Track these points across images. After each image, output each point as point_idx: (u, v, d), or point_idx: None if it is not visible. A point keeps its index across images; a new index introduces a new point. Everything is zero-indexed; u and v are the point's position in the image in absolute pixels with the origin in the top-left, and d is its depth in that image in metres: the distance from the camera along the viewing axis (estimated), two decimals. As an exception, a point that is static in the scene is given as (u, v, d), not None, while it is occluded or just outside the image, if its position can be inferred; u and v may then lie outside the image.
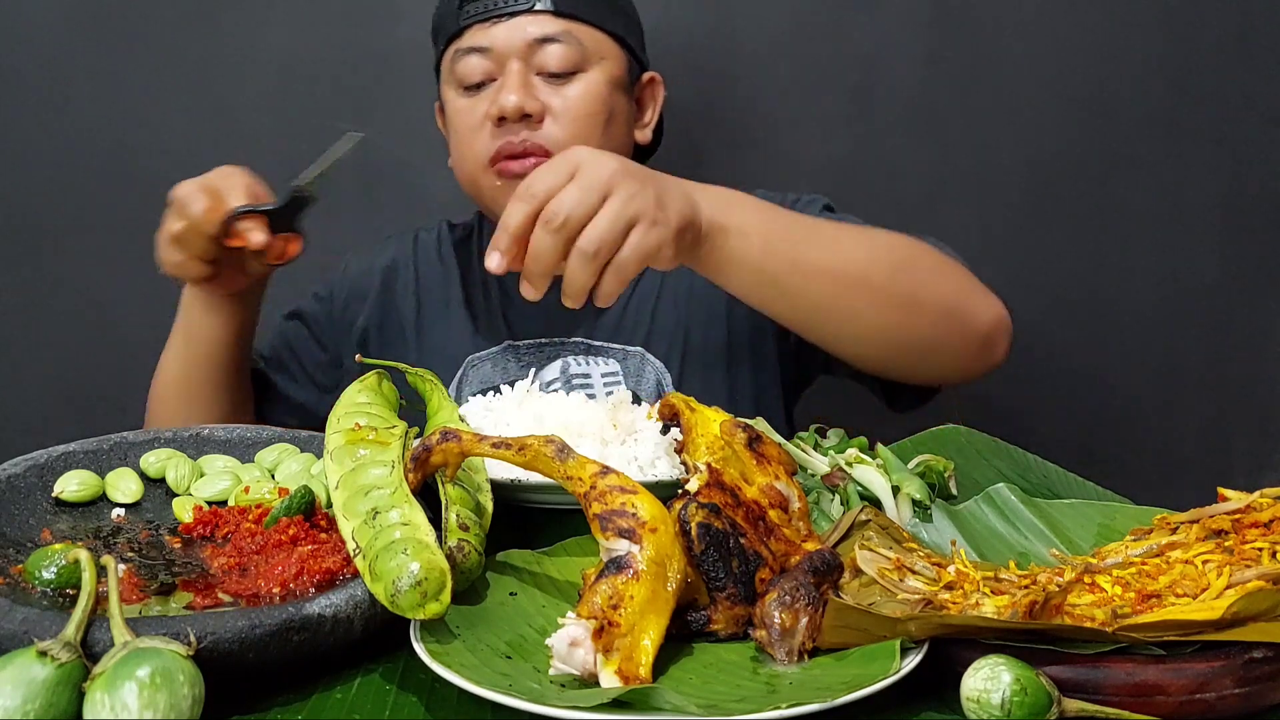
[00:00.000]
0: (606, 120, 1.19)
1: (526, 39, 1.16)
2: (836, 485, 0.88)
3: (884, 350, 1.03)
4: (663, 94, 1.31)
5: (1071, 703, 0.57)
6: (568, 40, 1.16)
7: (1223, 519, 0.69)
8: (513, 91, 1.14)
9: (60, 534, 0.78)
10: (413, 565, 0.63)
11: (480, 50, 1.17)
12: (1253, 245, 1.62)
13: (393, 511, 0.69)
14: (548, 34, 1.16)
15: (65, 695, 0.55)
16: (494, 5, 1.16)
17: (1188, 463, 1.65)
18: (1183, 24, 1.57)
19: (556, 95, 1.16)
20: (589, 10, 1.18)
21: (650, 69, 1.30)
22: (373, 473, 0.74)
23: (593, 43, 1.18)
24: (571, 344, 1.24)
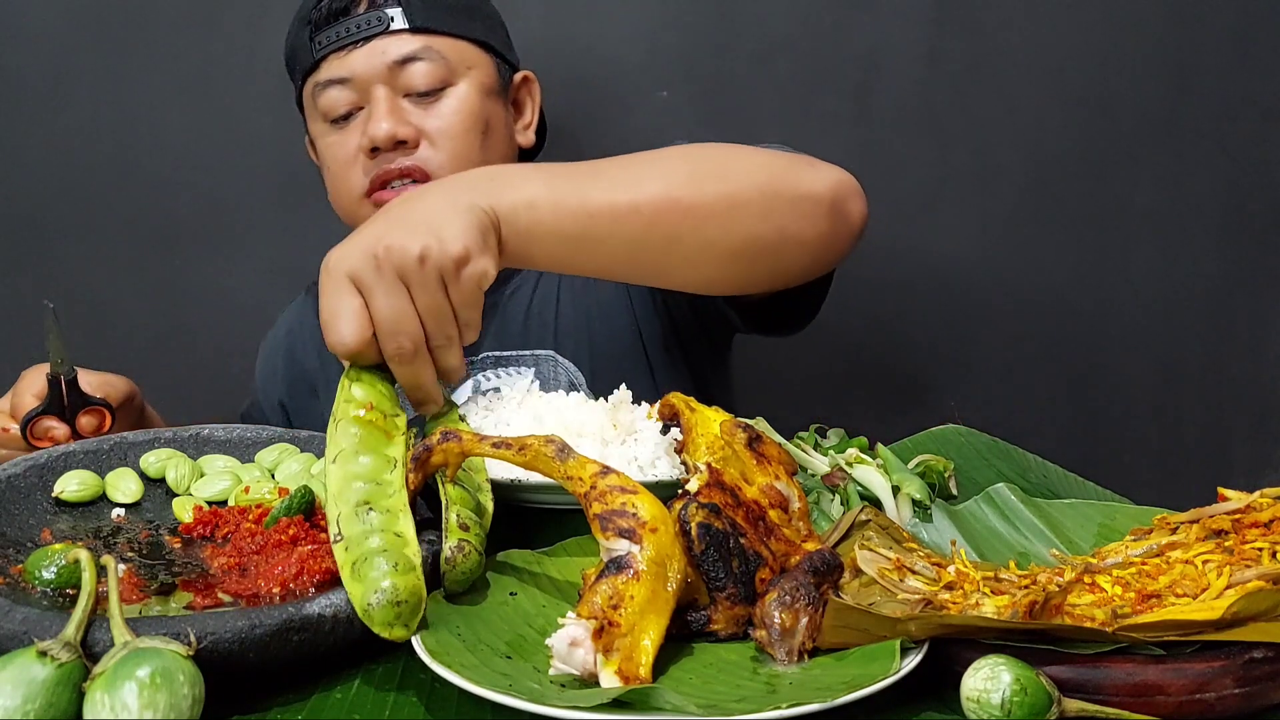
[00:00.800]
0: (483, 132, 1.15)
1: (387, 62, 1.11)
2: (836, 485, 0.88)
3: (728, 264, 0.95)
4: (539, 92, 1.27)
5: (1071, 703, 0.57)
6: (429, 56, 1.12)
7: (1223, 519, 0.69)
8: (382, 119, 1.10)
9: (60, 534, 0.77)
10: (398, 583, 0.63)
11: (341, 81, 1.13)
12: (1253, 244, 1.62)
13: (388, 515, 0.69)
14: (407, 53, 1.11)
15: (65, 695, 0.55)
16: (347, 32, 1.12)
17: (1188, 463, 1.65)
18: (1183, 23, 1.57)
19: (429, 116, 1.13)
20: (446, 21, 1.14)
21: (521, 67, 1.25)
22: (363, 460, 0.73)
23: (456, 54, 1.14)
24: (480, 361, 1.20)
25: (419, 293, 0.77)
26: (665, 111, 1.56)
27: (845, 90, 1.58)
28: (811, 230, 0.96)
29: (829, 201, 0.96)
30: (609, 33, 1.53)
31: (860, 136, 1.59)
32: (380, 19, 1.11)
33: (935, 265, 1.60)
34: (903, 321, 1.59)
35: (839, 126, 1.59)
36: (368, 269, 0.77)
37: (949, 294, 1.62)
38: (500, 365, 1.19)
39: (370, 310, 0.77)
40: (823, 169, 0.98)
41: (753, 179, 0.94)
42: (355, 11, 1.12)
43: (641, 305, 1.20)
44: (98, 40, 1.54)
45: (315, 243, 1.08)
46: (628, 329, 1.20)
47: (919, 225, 1.60)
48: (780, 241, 0.95)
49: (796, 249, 0.97)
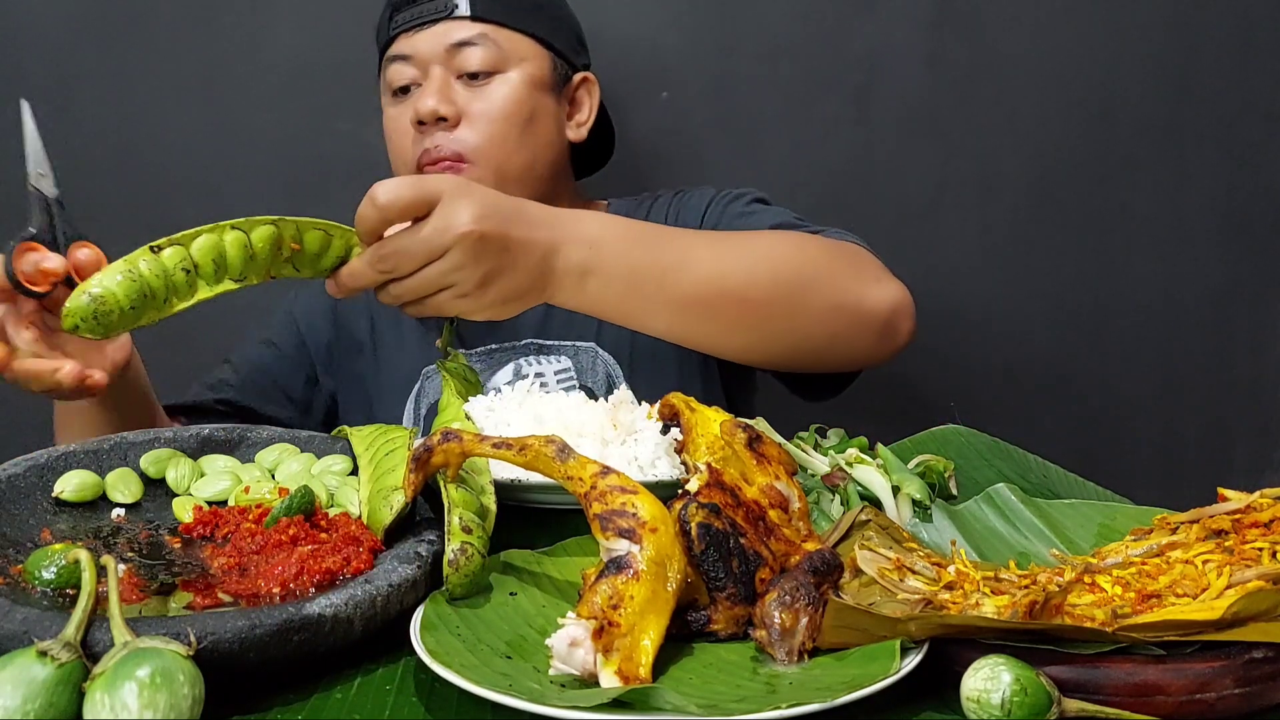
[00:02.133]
0: (526, 120, 1.22)
1: (446, 44, 1.20)
2: (836, 485, 0.88)
3: (773, 355, 1.04)
4: (598, 94, 1.33)
5: (1071, 703, 0.57)
6: (484, 43, 1.20)
7: (1223, 519, 0.69)
8: (429, 95, 1.19)
9: (60, 534, 0.77)
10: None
11: (405, 58, 1.22)
12: (1253, 247, 1.62)
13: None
14: (465, 38, 1.20)
15: (65, 695, 0.55)
16: (417, 15, 1.21)
17: (1188, 463, 1.65)
18: (1184, 27, 1.57)
19: (474, 98, 1.21)
20: (507, 14, 1.22)
21: (589, 69, 1.32)
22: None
23: (511, 45, 1.22)
24: (522, 346, 1.25)
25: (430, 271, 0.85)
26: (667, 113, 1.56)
27: (846, 93, 1.58)
28: (861, 342, 1.03)
29: (884, 320, 1.03)
30: (611, 35, 1.53)
31: (861, 139, 1.59)
32: (446, 5, 1.21)
33: (936, 266, 1.61)
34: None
35: (840, 129, 1.59)
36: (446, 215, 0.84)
37: (950, 295, 1.62)
38: (542, 353, 1.25)
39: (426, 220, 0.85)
40: (886, 284, 1.04)
41: (824, 286, 1.00)
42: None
43: None
44: (100, 40, 1.54)
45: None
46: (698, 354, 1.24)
47: (920, 227, 1.60)
48: (828, 345, 1.02)
49: (839, 352, 1.05)
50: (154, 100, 1.56)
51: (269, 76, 1.57)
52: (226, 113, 1.57)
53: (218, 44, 1.55)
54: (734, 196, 1.24)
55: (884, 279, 1.05)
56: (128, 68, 1.55)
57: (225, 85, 1.56)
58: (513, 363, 1.24)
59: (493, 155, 1.20)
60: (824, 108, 1.58)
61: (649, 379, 1.21)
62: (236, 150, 1.58)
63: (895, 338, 1.05)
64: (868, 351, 1.05)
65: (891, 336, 1.04)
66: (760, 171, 1.59)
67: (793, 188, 1.58)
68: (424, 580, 0.71)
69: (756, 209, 1.22)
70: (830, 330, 1.01)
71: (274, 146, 1.58)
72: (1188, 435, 1.66)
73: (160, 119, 1.56)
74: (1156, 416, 1.66)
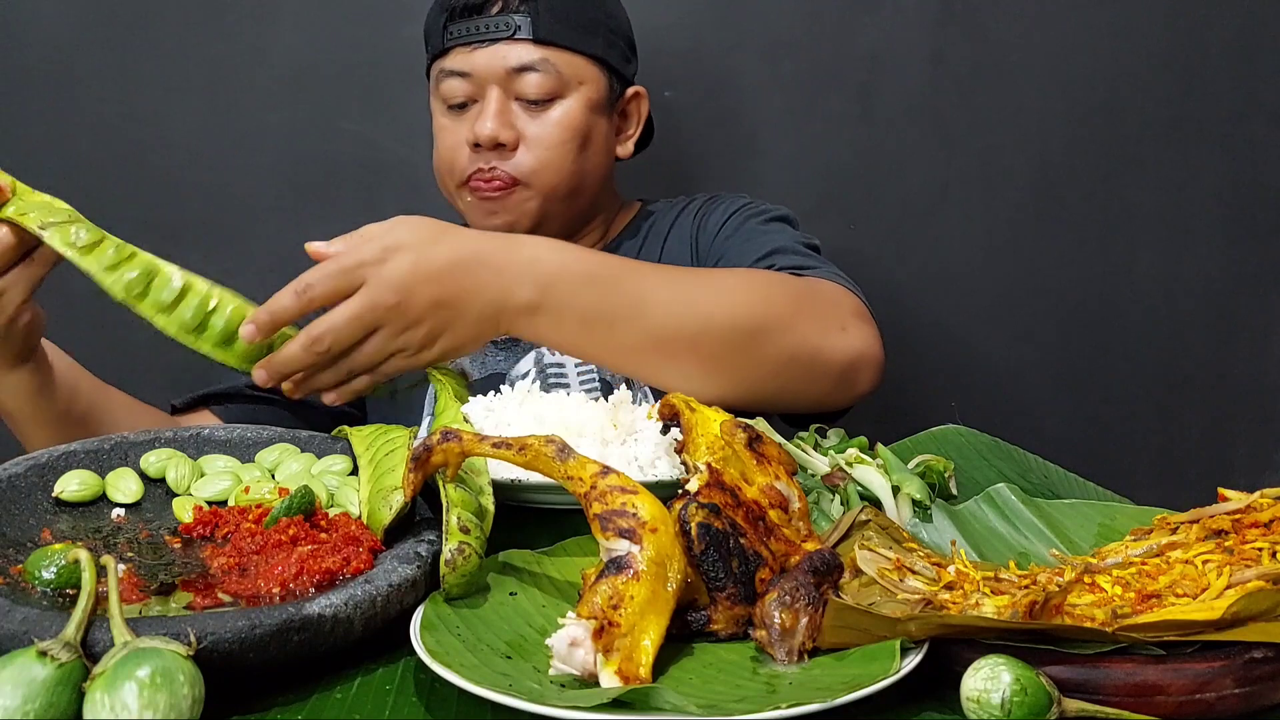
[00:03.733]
0: (581, 145, 1.22)
1: (506, 67, 1.19)
2: (836, 485, 0.88)
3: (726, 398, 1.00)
4: (646, 107, 1.33)
5: (1071, 703, 0.57)
6: (545, 69, 1.19)
7: (1223, 519, 0.69)
8: (489, 120, 1.18)
9: (60, 534, 0.77)
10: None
11: (462, 74, 1.21)
12: (1256, 246, 1.62)
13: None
14: (526, 63, 1.19)
15: (65, 695, 0.55)
16: (475, 30, 1.19)
17: (1188, 463, 1.65)
18: (1188, 25, 1.57)
19: (532, 123, 1.20)
20: (568, 36, 1.20)
21: (636, 79, 1.31)
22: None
23: (571, 69, 1.21)
24: None
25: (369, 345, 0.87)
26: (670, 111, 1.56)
27: (850, 91, 1.58)
28: (813, 391, 1.02)
29: (840, 371, 1.02)
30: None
31: (865, 137, 1.59)
32: (508, 24, 1.19)
33: (938, 265, 1.61)
34: (904, 321, 1.59)
35: (844, 127, 1.59)
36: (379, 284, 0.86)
37: (951, 294, 1.62)
38: None
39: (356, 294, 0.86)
40: (852, 334, 1.02)
41: (781, 340, 0.99)
42: (488, 12, 1.20)
43: None
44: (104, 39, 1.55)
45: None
46: None
47: (923, 225, 1.60)
48: (781, 393, 1.02)
49: (792, 401, 1.04)
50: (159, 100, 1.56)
51: (274, 76, 1.57)
52: (231, 112, 1.57)
53: (223, 44, 1.55)
54: (756, 212, 1.24)
55: (851, 328, 1.03)
56: (133, 68, 1.55)
57: (230, 85, 1.56)
58: (534, 352, 1.24)
59: (547, 180, 1.21)
60: (828, 105, 1.58)
61: None
62: (242, 150, 1.58)
63: (852, 388, 1.04)
64: (820, 399, 1.05)
65: (849, 387, 1.03)
66: (763, 169, 1.59)
67: (796, 186, 1.58)
68: (424, 580, 0.71)
69: (770, 229, 1.21)
70: (783, 379, 1.00)
71: (279, 146, 1.58)
72: (1188, 435, 1.66)
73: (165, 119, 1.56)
74: (1156, 416, 1.66)
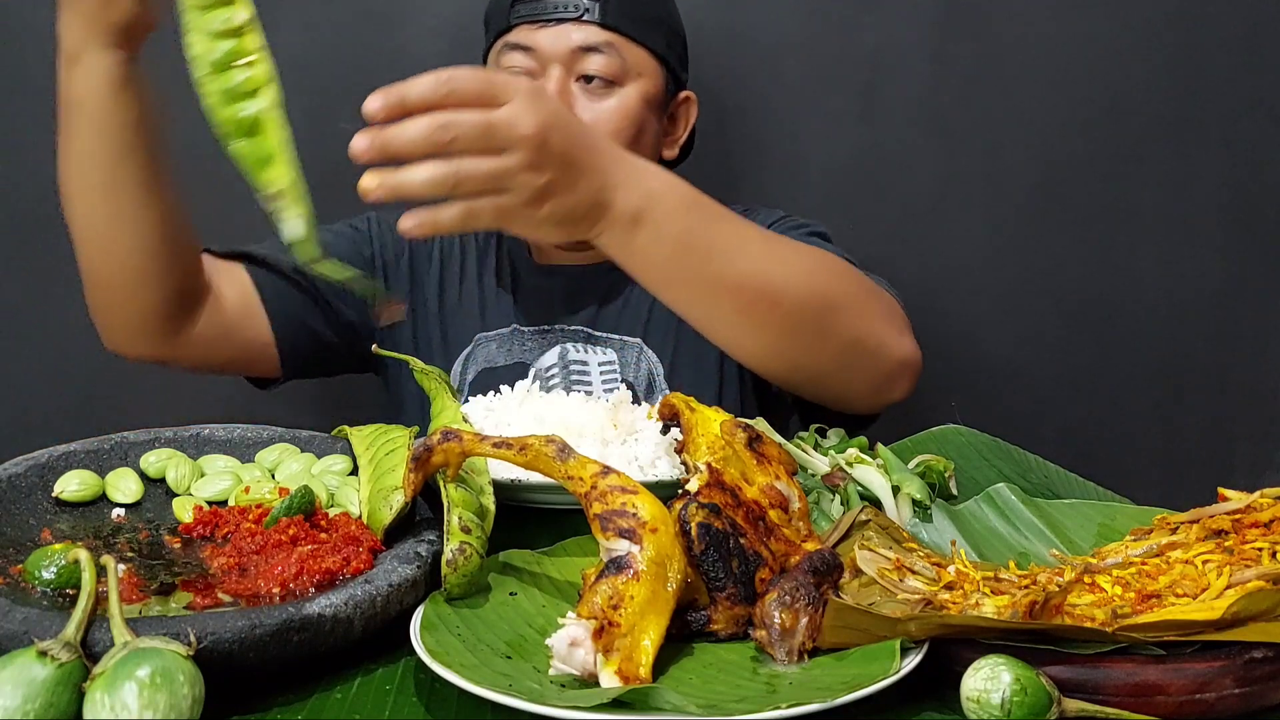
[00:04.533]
0: (635, 136, 1.20)
1: (571, 46, 1.18)
2: (836, 485, 0.88)
3: (780, 368, 1.03)
4: (695, 113, 1.32)
5: (1071, 703, 0.57)
6: (610, 52, 1.18)
7: (1223, 519, 0.69)
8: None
9: (60, 534, 0.78)
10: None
11: (525, 49, 1.19)
12: (1258, 246, 1.62)
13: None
14: (592, 44, 1.18)
15: (65, 695, 0.55)
16: (542, 9, 1.19)
17: (1188, 463, 1.65)
18: (1190, 25, 1.57)
19: (591, 107, 1.19)
20: (633, 26, 1.20)
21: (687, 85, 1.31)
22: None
23: (633, 58, 1.20)
24: (572, 331, 1.26)
25: (495, 162, 0.78)
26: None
27: (852, 90, 1.58)
28: (861, 384, 1.04)
29: (889, 372, 1.03)
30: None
31: (867, 136, 1.58)
32: (576, 6, 1.18)
33: (938, 264, 1.60)
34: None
35: (845, 126, 1.58)
36: (524, 111, 0.78)
37: (952, 293, 1.61)
38: (590, 342, 1.25)
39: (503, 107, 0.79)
40: (907, 340, 1.05)
41: (851, 321, 0.99)
42: None
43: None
44: (98, 40, 1.54)
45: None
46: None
47: (924, 224, 1.60)
48: (833, 377, 1.03)
49: (838, 388, 1.05)
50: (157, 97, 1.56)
51: (270, 76, 1.56)
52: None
53: (218, 44, 1.55)
54: (794, 225, 1.24)
55: (906, 334, 1.05)
56: (128, 67, 1.55)
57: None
58: (560, 346, 1.24)
59: None
60: (829, 105, 1.58)
61: (689, 381, 1.22)
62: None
63: (891, 392, 1.05)
64: (863, 396, 1.06)
65: (889, 390, 1.04)
66: (765, 168, 1.59)
67: (797, 185, 1.58)
68: (424, 580, 0.71)
69: (811, 243, 1.20)
70: (842, 362, 1.01)
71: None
72: (1188, 435, 1.66)
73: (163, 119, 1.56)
74: (1156, 416, 1.65)
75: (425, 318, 1.30)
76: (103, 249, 1.05)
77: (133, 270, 1.05)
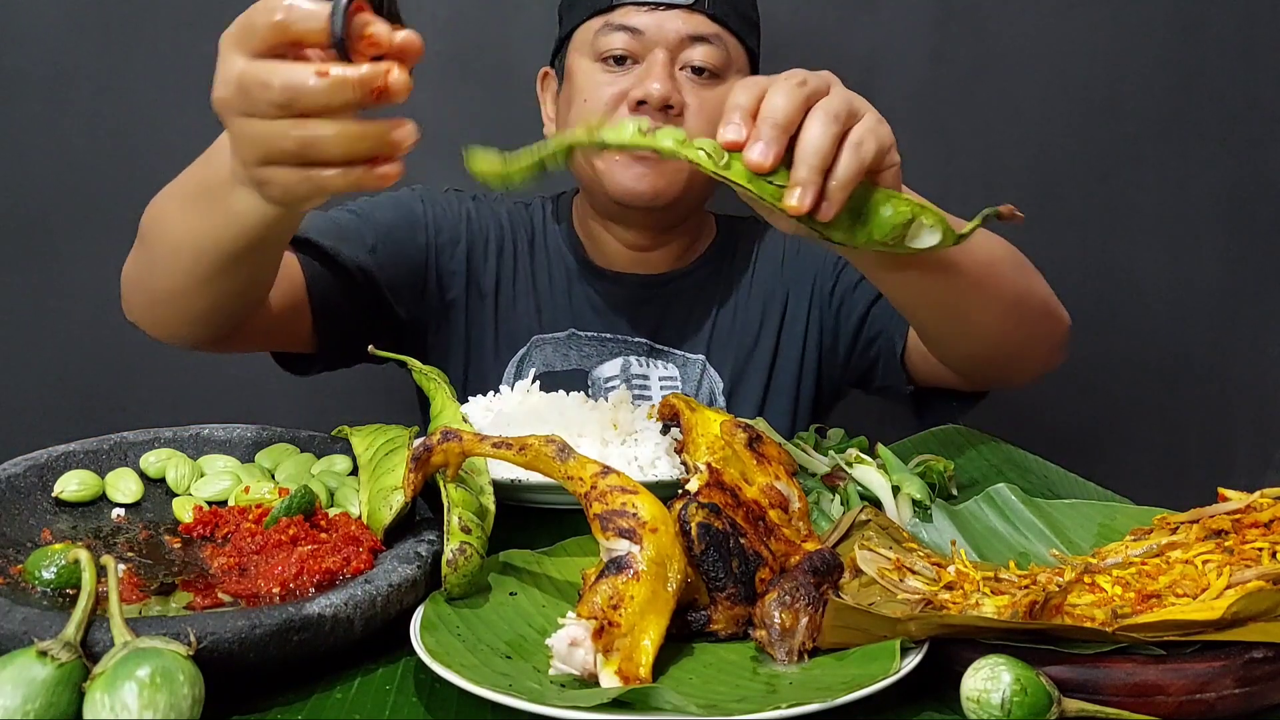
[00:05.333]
0: None
1: (680, 33, 1.16)
2: (836, 485, 0.88)
3: (990, 348, 1.00)
4: None
5: (1071, 703, 0.57)
6: (718, 44, 1.17)
7: (1223, 519, 0.69)
8: (660, 80, 1.14)
9: (60, 534, 0.78)
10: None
11: (631, 30, 1.17)
12: (1256, 245, 1.62)
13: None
14: (703, 33, 1.16)
15: (65, 695, 0.55)
16: None
17: (1188, 463, 1.65)
18: (1188, 24, 1.57)
19: (695, 95, 1.17)
20: (736, 22, 1.20)
21: None
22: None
23: (735, 53, 1.19)
24: (635, 343, 1.24)
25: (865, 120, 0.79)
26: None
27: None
28: (1046, 352, 1.05)
29: (1063, 337, 1.06)
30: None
31: (862, 136, 1.58)
32: None
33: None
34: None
35: (841, 126, 1.58)
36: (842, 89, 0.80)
37: (950, 294, 1.61)
38: (653, 355, 1.24)
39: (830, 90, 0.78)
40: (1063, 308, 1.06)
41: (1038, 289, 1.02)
42: None
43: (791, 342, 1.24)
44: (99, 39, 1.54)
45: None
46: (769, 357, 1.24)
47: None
48: (1030, 348, 1.04)
49: (1029, 360, 1.06)
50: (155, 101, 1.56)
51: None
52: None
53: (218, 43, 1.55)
54: None
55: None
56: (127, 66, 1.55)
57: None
58: (622, 358, 1.23)
59: None
60: (825, 106, 1.58)
61: (750, 400, 1.21)
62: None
63: (1059, 358, 1.06)
64: (1042, 365, 1.07)
65: (1059, 355, 1.06)
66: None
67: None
68: (424, 580, 0.71)
69: None
70: (1037, 333, 1.02)
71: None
72: (1188, 435, 1.66)
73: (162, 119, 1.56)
74: (1156, 416, 1.65)
75: (481, 311, 1.25)
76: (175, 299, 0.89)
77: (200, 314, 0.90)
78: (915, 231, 0.76)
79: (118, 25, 1.54)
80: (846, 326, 1.21)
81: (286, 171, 0.67)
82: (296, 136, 0.65)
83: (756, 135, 0.72)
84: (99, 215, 1.57)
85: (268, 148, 0.67)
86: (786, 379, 1.23)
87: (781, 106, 0.73)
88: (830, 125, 0.74)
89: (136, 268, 0.93)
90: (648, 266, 1.24)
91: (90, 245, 1.57)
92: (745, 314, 1.25)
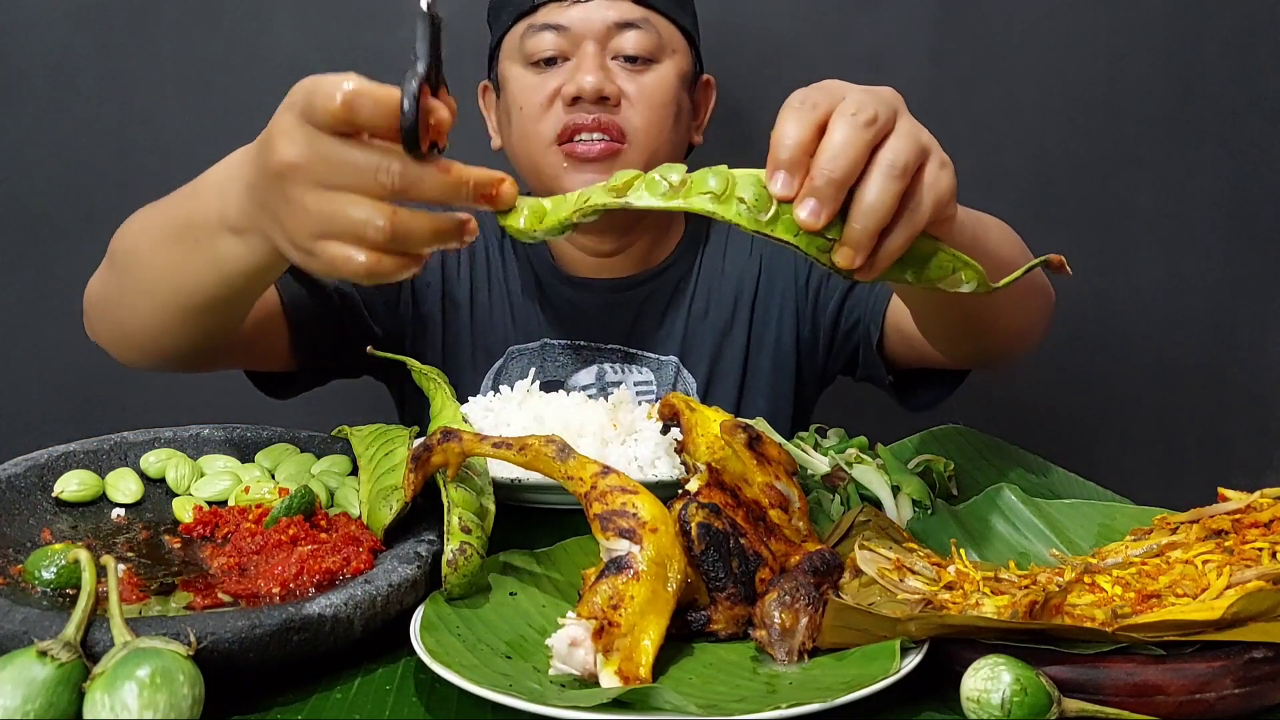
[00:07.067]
0: (675, 114, 1.18)
1: (606, 22, 1.14)
2: (836, 485, 0.88)
3: (996, 340, 0.98)
4: (714, 98, 1.29)
5: (1071, 703, 0.57)
6: (646, 28, 1.15)
7: (1223, 519, 0.69)
8: (590, 72, 1.12)
9: (60, 534, 0.78)
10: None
11: (556, 28, 1.15)
12: (1255, 245, 1.62)
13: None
14: (628, 19, 1.15)
15: (65, 695, 0.55)
16: None
17: (1188, 463, 1.65)
18: (1187, 24, 1.57)
19: (631, 82, 1.15)
20: (665, 3, 1.18)
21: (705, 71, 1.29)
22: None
23: (668, 35, 1.17)
24: (609, 350, 1.22)
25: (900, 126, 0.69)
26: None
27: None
28: (1041, 332, 1.04)
29: (1052, 305, 1.04)
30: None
31: (862, 136, 1.58)
32: None
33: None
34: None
35: (841, 126, 1.58)
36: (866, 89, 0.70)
37: (949, 294, 1.61)
38: (627, 360, 1.23)
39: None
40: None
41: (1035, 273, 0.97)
42: None
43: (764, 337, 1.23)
44: (100, 39, 1.54)
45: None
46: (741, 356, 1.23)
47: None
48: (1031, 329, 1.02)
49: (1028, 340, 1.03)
50: (154, 100, 1.56)
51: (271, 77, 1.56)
52: (227, 112, 1.56)
53: (218, 43, 1.55)
54: None
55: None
56: (128, 67, 1.55)
57: (225, 85, 1.56)
58: (597, 365, 1.21)
59: (649, 142, 1.15)
60: (825, 106, 1.58)
61: (721, 401, 1.20)
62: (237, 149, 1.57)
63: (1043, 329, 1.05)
64: (1034, 344, 1.05)
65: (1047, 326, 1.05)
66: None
67: (793, 187, 1.58)
68: (424, 580, 0.71)
69: None
70: (1037, 313, 1.01)
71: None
72: (1188, 435, 1.66)
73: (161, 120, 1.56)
74: (1156, 416, 1.65)
75: (456, 321, 1.24)
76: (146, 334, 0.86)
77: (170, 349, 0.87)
78: (952, 280, 0.70)
79: (118, 25, 1.54)
80: (824, 316, 1.20)
81: (342, 248, 0.61)
82: (386, 227, 0.60)
83: (811, 189, 0.63)
84: (99, 215, 1.57)
85: (341, 226, 0.61)
86: (762, 376, 1.22)
87: (844, 157, 0.63)
88: (894, 184, 0.64)
89: (104, 291, 0.89)
90: (615, 270, 1.22)
91: (90, 245, 1.56)
92: (718, 310, 1.23)
